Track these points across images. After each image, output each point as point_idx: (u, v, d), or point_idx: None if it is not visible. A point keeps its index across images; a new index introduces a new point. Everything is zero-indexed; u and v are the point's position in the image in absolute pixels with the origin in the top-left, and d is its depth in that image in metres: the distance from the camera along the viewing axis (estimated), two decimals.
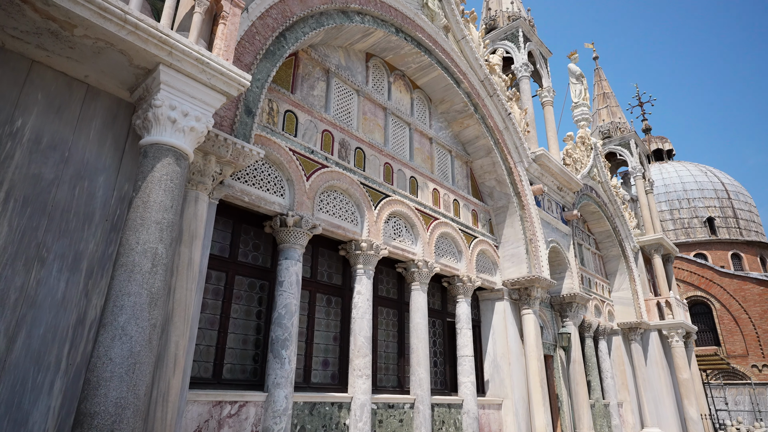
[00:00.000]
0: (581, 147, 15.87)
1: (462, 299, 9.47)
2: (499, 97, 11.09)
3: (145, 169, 3.74)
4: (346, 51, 8.74)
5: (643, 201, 19.36)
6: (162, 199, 3.64)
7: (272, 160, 6.59)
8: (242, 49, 5.84)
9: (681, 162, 40.05)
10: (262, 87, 6.03)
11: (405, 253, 8.40)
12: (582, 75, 17.28)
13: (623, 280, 16.66)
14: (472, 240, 10.23)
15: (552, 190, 12.86)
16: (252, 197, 6.14)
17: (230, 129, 5.41)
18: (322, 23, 7.32)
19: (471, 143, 11.08)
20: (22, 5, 3.32)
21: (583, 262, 15.22)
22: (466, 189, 10.88)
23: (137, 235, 3.48)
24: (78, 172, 3.85)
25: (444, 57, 10.01)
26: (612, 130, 21.63)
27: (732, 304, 29.85)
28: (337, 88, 8.26)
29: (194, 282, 4.49)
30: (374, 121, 8.87)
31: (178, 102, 3.95)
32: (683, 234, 34.83)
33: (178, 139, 3.92)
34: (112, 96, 4.25)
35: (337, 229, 7.29)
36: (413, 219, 8.71)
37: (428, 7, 9.75)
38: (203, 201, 4.84)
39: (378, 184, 8.26)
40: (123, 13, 3.55)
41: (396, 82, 9.81)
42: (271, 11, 6.42)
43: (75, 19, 3.42)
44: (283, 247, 6.38)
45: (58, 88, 3.94)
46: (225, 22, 4.56)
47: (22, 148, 3.61)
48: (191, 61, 3.98)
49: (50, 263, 3.53)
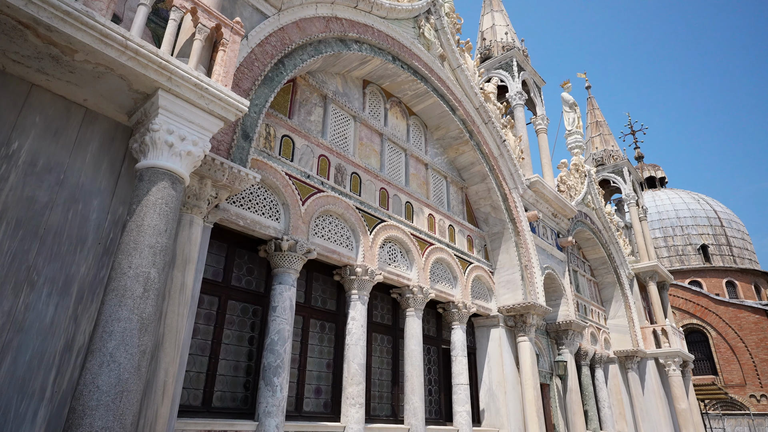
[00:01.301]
0: (575, 174, 16.03)
1: (457, 326, 9.37)
2: (494, 125, 11.25)
3: (141, 192, 3.73)
4: (344, 78, 8.87)
5: (637, 228, 19.46)
6: (156, 222, 3.62)
7: (268, 184, 6.60)
8: (241, 75, 5.92)
9: (674, 189, 40.47)
10: (260, 112, 6.08)
11: (400, 278, 8.35)
12: (575, 103, 17.59)
13: (619, 308, 16.60)
14: (468, 266, 10.19)
15: (547, 217, 12.92)
16: (247, 221, 6.12)
17: (227, 153, 5.43)
18: (320, 51, 7.45)
19: (466, 169, 11.17)
20: (25, 31, 3.36)
21: (578, 288, 15.17)
22: (462, 215, 10.91)
23: (130, 259, 3.44)
24: (72, 195, 3.83)
25: (440, 85, 10.18)
26: (605, 157, 21.91)
27: (728, 333, 29.71)
28: (334, 114, 8.36)
29: (186, 307, 4.42)
30: (370, 147, 8.94)
31: (176, 126, 3.98)
32: (677, 261, 34.92)
33: (175, 163, 3.93)
34: (109, 119, 4.27)
35: (332, 253, 7.25)
36: (408, 244, 8.70)
37: (424, 37, 9.97)
38: (198, 225, 4.81)
39: (373, 209, 8.27)
40: (124, 39, 3.61)
41: (392, 109, 9.94)
42: (270, 39, 6.54)
43: (76, 44, 3.47)
44: (278, 271, 6.33)
45: (57, 111, 3.96)
46: (225, 49, 4.64)
47: (17, 170, 3.60)
48: (190, 87, 4.02)
49: (40, 287, 3.47)
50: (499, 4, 17.92)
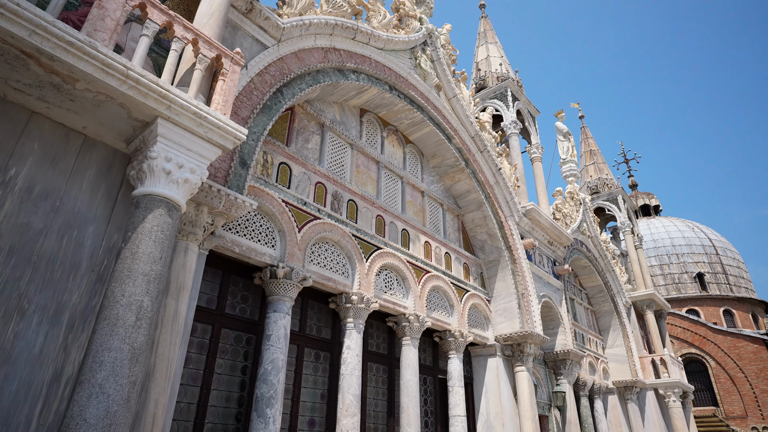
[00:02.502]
0: (570, 202, 16.14)
1: (454, 355, 9.24)
2: (489, 153, 11.38)
3: (136, 219, 3.72)
4: (341, 106, 9.01)
5: (633, 256, 19.48)
6: (151, 250, 3.60)
7: (265, 211, 6.60)
8: (240, 104, 6.00)
9: (668, 218, 40.72)
10: (258, 140, 6.14)
11: (396, 306, 8.27)
12: (569, 133, 17.87)
13: (617, 337, 16.45)
14: (464, 294, 10.13)
15: (543, 245, 12.93)
16: (243, 248, 6.09)
17: (224, 180, 5.45)
18: (318, 80, 7.59)
19: (462, 197, 11.23)
20: (28, 60, 3.41)
21: (575, 317, 15.06)
22: (458, 242, 10.90)
23: (123, 286, 3.40)
24: (67, 222, 3.82)
25: (436, 114, 10.34)
26: (600, 185, 22.12)
27: (727, 363, 29.39)
28: (331, 142, 8.44)
29: (179, 335, 4.35)
30: (367, 174, 9.00)
31: (174, 154, 4.00)
32: (674, 289, 34.84)
33: (172, 190, 3.94)
34: (108, 147, 4.30)
35: (328, 281, 7.20)
36: (405, 272, 8.66)
37: (421, 67, 10.18)
38: (193, 252, 4.78)
39: (370, 237, 8.26)
40: (125, 68, 3.66)
41: (389, 137, 10.05)
42: (269, 68, 6.66)
43: (78, 73, 3.51)
44: (272, 299, 6.26)
45: (55, 138, 3.98)
46: (224, 78, 4.71)
47: (13, 197, 3.59)
48: (189, 115, 4.06)
49: (30, 315, 3.42)
50: (493, 37, 18.40)
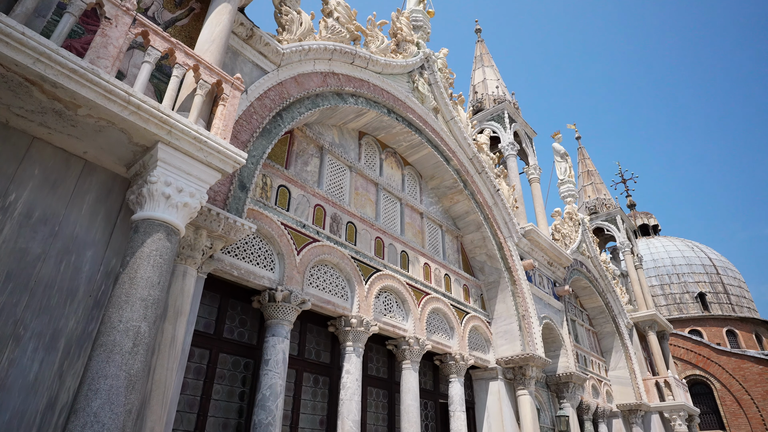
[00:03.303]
0: (569, 222, 16.16)
1: (455, 379, 9.11)
2: (487, 174, 11.45)
3: (135, 244, 3.71)
4: (340, 129, 9.10)
5: (633, 276, 19.41)
6: (150, 275, 3.58)
7: (263, 234, 6.60)
8: (240, 127, 6.06)
9: (668, 237, 40.72)
10: (257, 163, 6.18)
11: (396, 329, 8.19)
12: (566, 153, 18.02)
13: (619, 359, 16.25)
14: (464, 316, 10.05)
15: (543, 265, 12.89)
16: (241, 271, 6.06)
17: (223, 204, 5.46)
18: (317, 104, 7.68)
19: (461, 218, 11.25)
20: (31, 87, 3.46)
21: (577, 339, 14.91)
22: (457, 264, 10.87)
23: (120, 312, 3.37)
24: (66, 247, 3.81)
25: (434, 136, 10.44)
26: (598, 205, 22.19)
27: (732, 384, 28.95)
28: (330, 164, 8.49)
29: (176, 361, 4.30)
30: (366, 196, 9.03)
31: (174, 178, 4.02)
32: (676, 309, 34.59)
33: (171, 214, 3.94)
34: (108, 171, 4.32)
35: (327, 304, 7.15)
36: (404, 294, 8.60)
37: (418, 91, 10.32)
38: (191, 276, 4.76)
39: (369, 259, 8.24)
40: (127, 94, 3.71)
41: (388, 159, 10.13)
42: (269, 93, 6.75)
43: (80, 100, 3.56)
44: (271, 323, 6.20)
45: (56, 163, 4.00)
46: (225, 103, 4.77)
47: (12, 222, 3.59)
48: (189, 140, 4.10)
49: (26, 342, 3.37)
50: (489, 60, 18.72)
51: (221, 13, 5.58)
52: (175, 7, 5.96)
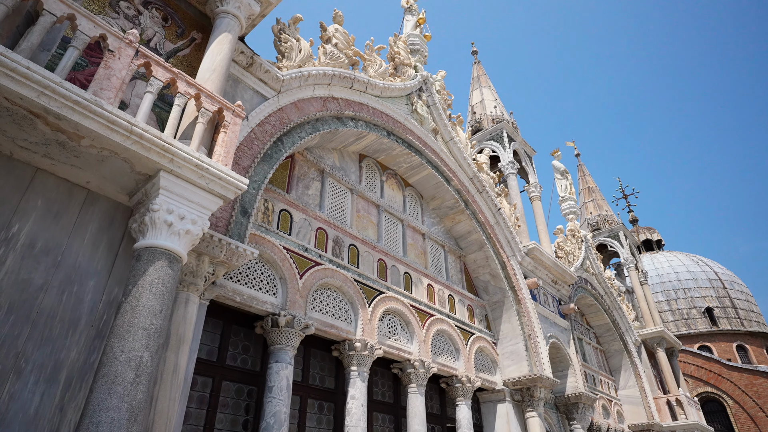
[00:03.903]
0: (572, 240, 16.10)
1: (462, 402, 8.94)
2: (488, 193, 11.47)
3: (137, 272, 3.71)
4: (340, 152, 9.17)
5: (639, 292, 19.23)
6: (152, 303, 3.56)
7: (266, 258, 6.59)
8: (241, 153, 6.11)
9: (672, 252, 40.49)
10: (259, 188, 6.21)
11: (401, 352, 8.09)
12: (566, 171, 18.08)
13: (629, 377, 15.97)
14: (470, 337, 9.93)
15: (547, 284, 12.80)
16: (244, 297, 6.03)
17: (225, 229, 5.47)
18: (317, 128, 7.76)
19: (463, 238, 11.22)
20: (35, 119, 3.51)
21: (585, 358, 14.69)
22: (461, 284, 10.80)
23: (122, 342, 3.34)
24: (68, 277, 3.80)
25: (434, 157, 10.51)
26: (600, 222, 22.15)
27: (746, 401, 28.33)
28: (331, 187, 8.53)
29: (178, 390, 4.24)
30: (367, 218, 9.04)
31: (176, 206, 4.03)
32: (684, 325, 34.13)
33: (173, 242, 3.94)
34: (110, 200, 4.34)
35: (330, 328, 7.08)
36: (408, 316, 8.52)
37: (417, 113, 10.44)
38: (194, 303, 4.73)
39: (372, 281, 8.19)
40: (129, 124, 3.76)
41: (388, 181, 10.17)
42: (269, 118, 6.83)
43: (83, 131, 3.60)
44: (274, 348, 6.14)
45: (59, 194, 4.03)
46: (226, 130, 4.82)
47: (15, 253, 3.60)
48: (191, 167, 4.13)
49: (27, 375, 3.34)
50: (486, 81, 18.98)
51: (222, 43, 5.70)
52: (176, 37, 6.09)
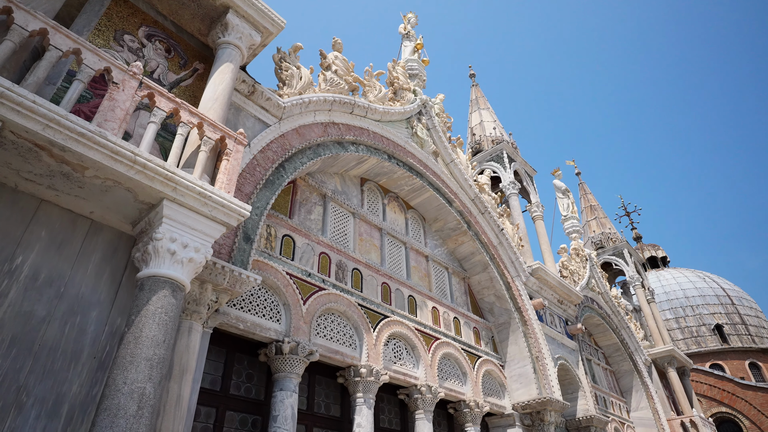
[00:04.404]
0: (576, 259, 16.01)
1: (470, 427, 8.74)
2: (490, 214, 11.47)
3: (140, 302, 3.69)
4: (342, 177, 9.22)
5: (646, 311, 19.00)
6: (155, 333, 3.53)
7: (269, 284, 6.55)
8: (243, 180, 6.15)
9: (678, 269, 40.15)
10: (261, 214, 6.23)
11: (407, 377, 7.95)
12: (567, 190, 18.11)
13: (640, 398, 15.62)
14: (476, 360, 9.78)
15: (553, 304, 12.66)
16: (247, 324, 5.98)
17: (228, 256, 5.46)
18: (319, 153, 7.83)
19: (467, 259, 11.17)
20: (40, 152, 3.55)
21: (594, 379, 14.41)
22: (466, 306, 10.70)
23: (125, 373, 3.30)
24: (71, 308, 3.78)
25: (435, 179, 10.55)
26: (604, 240, 22.06)
27: (763, 421, 27.61)
28: (333, 212, 8.55)
29: (182, 422, 4.16)
30: (370, 242, 9.03)
31: (179, 234, 4.04)
32: (694, 343, 33.58)
33: (176, 270, 3.93)
34: (114, 230, 4.36)
35: (335, 354, 6.98)
36: (414, 340, 8.41)
37: (417, 136, 10.53)
38: (197, 331, 4.69)
39: (376, 305, 8.12)
40: (133, 154, 3.80)
41: (390, 204, 10.19)
42: (271, 145, 6.90)
43: (88, 162, 3.64)
44: (278, 376, 6.05)
45: (63, 224, 4.05)
46: (228, 158, 4.86)
47: (18, 285, 3.59)
48: (194, 195, 4.15)
49: (28, 409, 3.29)
50: (485, 103, 19.20)
51: (224, 72, 5.80)
52: (179, 68, 6.21)
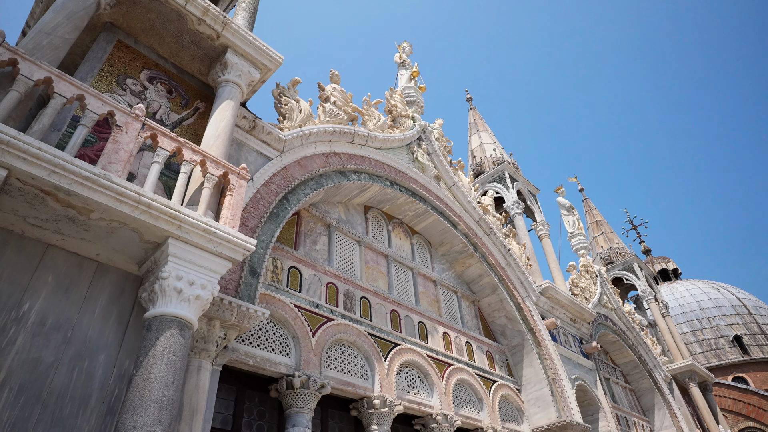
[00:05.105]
0: (586, 275, 15.82)
1: None
2: (496, 235, 11.42)
3: (148, 343, 3.65)
4: (345, 206, 9.25)
5: (662, 325, 18.63)
6: (164, 374, 3.48)
7: (277, 318, 6.49)
8: (247, 214, 6.18)
9: (690, 280, 39.55)
10: (267, 247, 6.23)
11: (421, 407, 7.77)
12: (572, 206, 18.05)
13: (664, 417, 15.15)
14: (492, 385, 9.56)
15: (566, 323, 12.45)
16: (257, 359, 5.90)
17: (235, 292, 5.43)
18: (321, 184, 7.88)
19: (475, 282, 11.07)
20: (46, 197, 3.59)
21: (614, 398, 14.02)
22: (477, 329, 10.53)
23: (134, 417, 3.24)
24: (79, 353, 3.75)
25: (438, 203, 10.57)
26: (612, 255, 21.84)
27: None
28: (338, 241, 8.54)
29: None
30: (377, 269, 8.98)
31: (185, 272, 4.03)
32: (713, 356, 32.76)
33: (183, 308, 3.91)
34: (120, 271, 4.35)
35: (347, 386, 6.85)
36: (426, 367, 8.26)
37: (418, 161, 10.60)
38: (206, 370, 4.63)
39: (386, 333, 8.01)
40: (137, 195, 3.83)
41: (395, 230, 10.18)
42: (274, 178, 6.96)
43: (93, 205, 3.67)
44: (290, 412, 5.92)
45: (69, 268, 4.05)
46: (232, 193, 4.90)
47: (26, 332, 3.57)
48: (199, 232, 4.16)
49: None
50: (483, 125, 19.39)
51: (224, 110, 5.90)
52: (181, 108, 6.33)
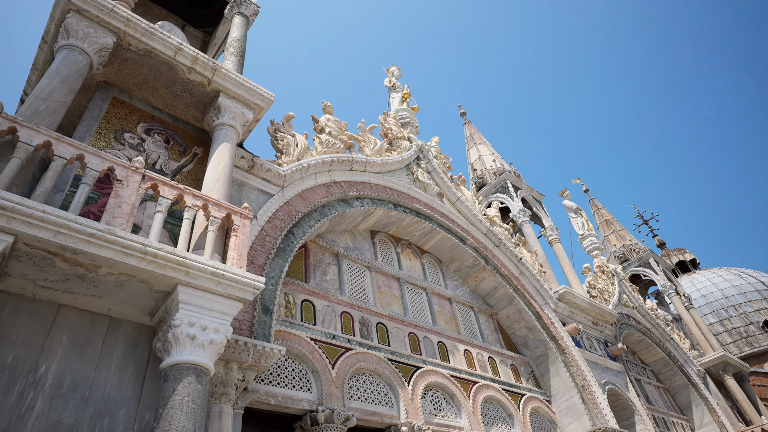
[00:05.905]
0: (602, 276, 15.59)
1: None
2: (506, 245, 11.34)
3: (166, 393, 3.62)
4: (352, 233, 9.25)
5: (687, 318, 18.22)
6: (184, 424, 3.43)
7: (294, 353, 6.43)
8: (255, 252, 6.19)
9: (710, 269, 38.81)
10: (277, 283, 6.21)
11: (450, 429, 7.58)
12: (579, 208, 17.94)
13: (702, 413, 14.65)
14: (520, 399, 9.33)
15: (588, 327, 12.21)
16: (278, 398, 5.82)
17: (249, 331, 5.40)
18: (325, 214, 7.91)
19: (491, 295, 10.94)
20: (53, 258, 3.63)
21: (648, 399, 13.62)
22: (498, 343, 10.36)
23: None
24: (98, 410, 3.71)
25: (444, 220, 10.55)
26: (626, 252, 21.57)
27: None
28: (348, 269, 8.51)
29: None
30: (390, 293, 8.91)
31: (197, 317, 4.02)
32: (745, 344, 31.86)
33: (198, 355, 3.88)
34: (133, 323, 4.35)
35: (372, 416, 6.72)
36: (451, 388, 8.10)
37: (419, 180, 10.64)
38: (228, 414, 4.57)
39: (406, 357, 7.90)
40: (143, 246, 3.86)
41: (404, 251, 10.14)
42: (277, 214, 7.00)
43: (100, 260, 3.70)
44: None
45: (82, 326, 4.06)
46: (236, 233, 4.92)
47: (44, 395, 3.55)
48: (207, 276, 4.17)
49: None
50: (480, 138, 19.50)
51: (222, 152, 5.99)
52: (179, 155, 6.43)
